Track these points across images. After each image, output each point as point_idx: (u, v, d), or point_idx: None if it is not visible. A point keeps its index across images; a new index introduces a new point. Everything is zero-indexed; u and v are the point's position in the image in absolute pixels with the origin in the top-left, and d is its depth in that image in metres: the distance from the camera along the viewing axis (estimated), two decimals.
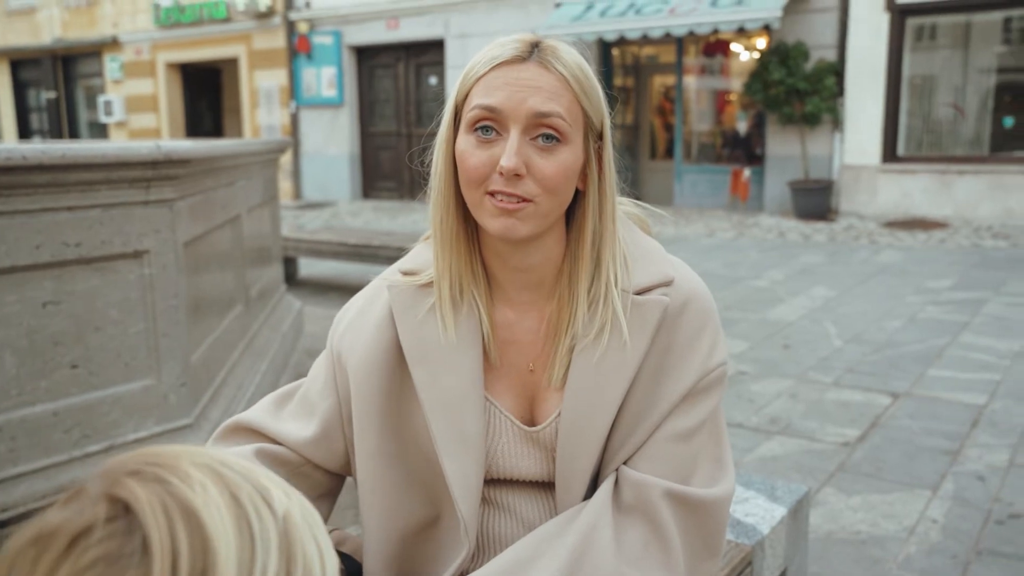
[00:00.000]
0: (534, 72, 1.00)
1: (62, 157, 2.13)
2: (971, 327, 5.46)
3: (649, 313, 1.06)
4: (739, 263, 8.04)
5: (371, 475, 1.13)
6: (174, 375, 2.56)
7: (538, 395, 1.13)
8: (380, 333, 1.13)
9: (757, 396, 4.21)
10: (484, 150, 1.01)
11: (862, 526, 2.85)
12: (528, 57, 1.01)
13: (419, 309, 1.11)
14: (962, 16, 10.49)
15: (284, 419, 1.20)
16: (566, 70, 1.01)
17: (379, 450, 1.13)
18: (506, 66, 1.01)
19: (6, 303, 2.16)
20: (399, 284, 1.13)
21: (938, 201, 10.45)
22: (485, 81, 1.01)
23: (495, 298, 1.14)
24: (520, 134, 1.00)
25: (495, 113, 1.00)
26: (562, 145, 1.01)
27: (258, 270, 4.10)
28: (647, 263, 1.11)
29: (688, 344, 1.08)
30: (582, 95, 1.02)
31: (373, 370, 1.12)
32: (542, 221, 1.04)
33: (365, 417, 1.12)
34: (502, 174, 0.99)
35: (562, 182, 1.02)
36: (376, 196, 15.14)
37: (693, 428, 1.07)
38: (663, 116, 13.48)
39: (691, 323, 1.08)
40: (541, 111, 0.99)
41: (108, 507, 0.47)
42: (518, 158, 0.99)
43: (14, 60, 19.13)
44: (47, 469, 2.26)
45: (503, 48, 1.02)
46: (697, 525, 1.06)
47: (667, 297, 1.07)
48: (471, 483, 1.08)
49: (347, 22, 14.60)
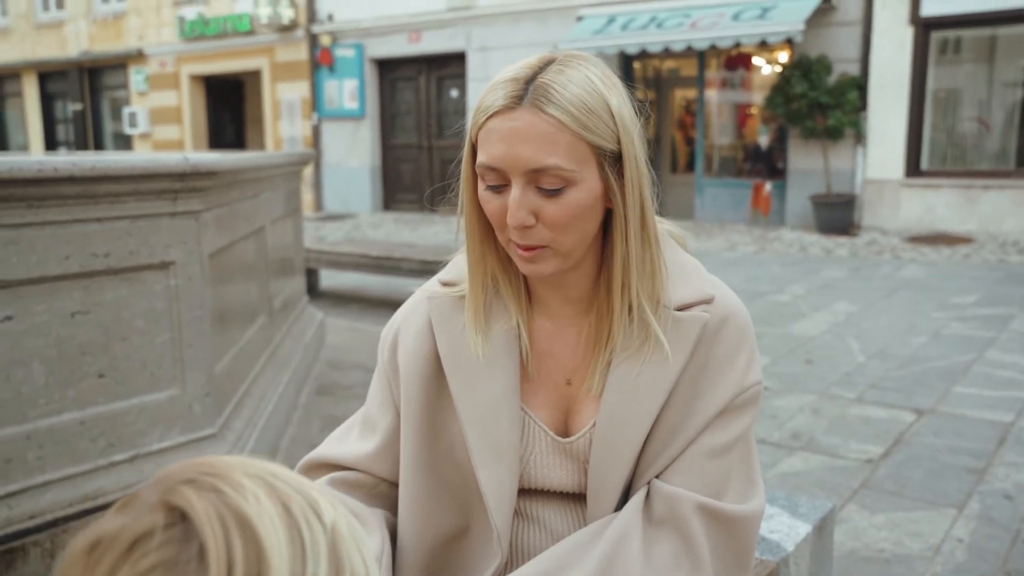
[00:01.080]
0: (526, 120, 0.97)
1: (92, 169, 2.16)
2: (997, 343, 5.40)
3: (688, 329, 1.07)
4: (761, 277, 8.00)
5: (408, 483, 1.15)
6: (199, 385, 2.58)
7: (573, 407, 1.13)
8: (420, 343, 1.15)
9: (780, 411, 4.18)
10: (497, 199, 1.02)
11: (886, 544, 2.81)
12: (520, 103, 0.98)
13: (457, 320, 1.13)
14: (987, 30, 10.42)
15: (351, 444, 1.23)
16: (560, 111, 0.97)
17: (416, 458, 1.14)
18: (499, 116, 0.99)
19: (36, 312, 2.19)
20: (438, 295, 1.16)
21: (962, 216, 10.35)
22: (483, 133, 1.01)
23: (535, 309, 1.15)
24: (523, 186, 1.00)
25: (496, 171, 1.01)
26: (569, 187, 1.00)
27: (281, 281, 4.13)
28: (687, 280, 1.11)
29: (725, 361, 1.08)
30: (583, 131, 0.98)
31: (413, 379, 1.14)
32: (565, 258, 1.05)
33: (405, 425, 1.15)
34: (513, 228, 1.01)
35: (574, 221, 1.02)
36: (397, 208, 15.20)
37: (727, 445, 1.07)
38: (684, 130, 13.46)
39: (729, 340, 1.08)
40: (535, 168, 0.98)
41: (166, 514, 0.48)
42: (522, 212, 0.99)
43: (42, 73, 19.41)
44: (74, 477, 2.28)
45: (495, 94, 1.00)
46: (728, 541, 1.06)
47: (707, 314, 1.08)
48: (505, 493, 1.09)
49: (369, 35, 14.71)
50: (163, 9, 17.06)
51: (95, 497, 2.29)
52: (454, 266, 1.19)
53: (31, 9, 19.09)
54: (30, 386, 2.20)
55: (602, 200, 1.04)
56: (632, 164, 1.02)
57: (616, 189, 1.03)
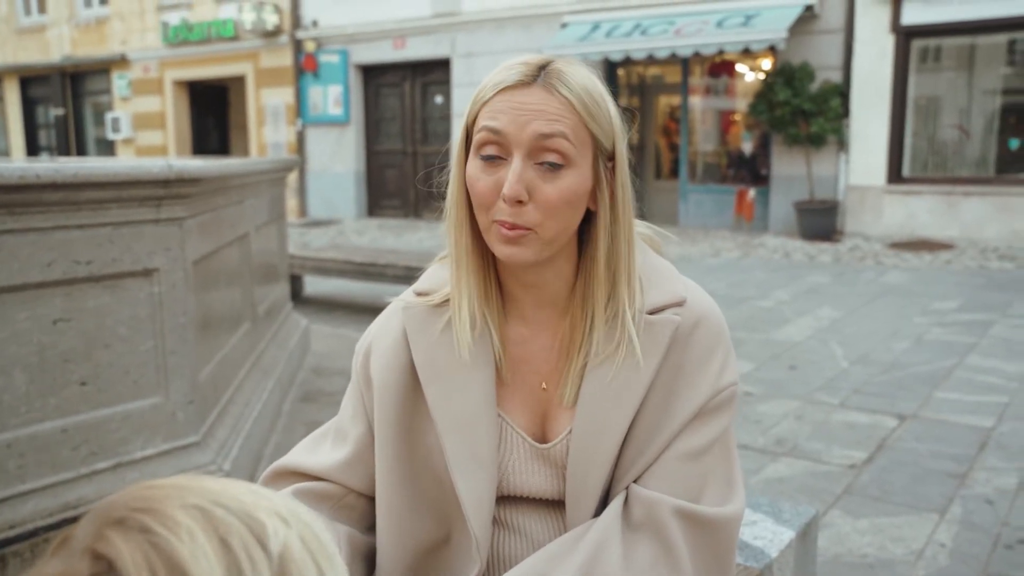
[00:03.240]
0: (539, 96, 1.01)
1: (75, 176, 2.14)
2: (978, 349, 5.45)
3: (660, 332, 1.07)
4: (744, 283, 8.04)
5: (384, 494, 1.14)
6: (182, 393, 2.56)
7: (550, 412, 1.14)
8: (395, 354, 1.15)
9: (763, 417, 4.20)
10: (490, 175, 1.03)
11: (869, 549, 2.83)
12: (533, 81, 1.01)
13: (433, 329, 1.13)
14: (967, 38, 10.53)
15: (321, 453, 1.22)
16: (571, 93, 1.01)
17: (392, 469, 1.14)
18: (511, 90, 1.02)
19: (17, 320, 2.17)
20: (413, 304, 1.16)
21: (944, 222, 10.45)
22: (490, 105, 1.03)
23: (509, 315, 1.15)
24: (523, 159, 1.01)
25: (499, 136, 1.01)
26: (566, 169, 1.02)
27: (265, 288, 4.11)
28: (659, 283, 1.11)
29: (699, 364, 1.08)
30: (588, 118, 1.02)
31: (388, 390, 1.14)
32: (546, 247, 1.05)
33: (381, 436, 1.14)
34: (505, 201, 1.01)
35: (565, 207, 1.02)
36: (381, 214, 15.18)
37: (704, 447, 1.07)
38: (668, 136, 13.52)
39: (702, 343, 1.09)
40: (543, 132, 1.00)
41: (92, 563, 0.45)
42: (520, 184, 1.00)
43: (24, 77, 19.28)
44: (55, 486, 2.26)
45: (509, 72, 1.03)
46: (707, 544, 1.06)
47: (679, 316, 1.08)
48: (483, 501, 1.09)
49: (354, 41, 14.70)
50: (147, 14, 16.99)
51: (76, 506, 2.27)
52: (428, 277, 1.19)
53: (13, 13, 18.96)
54: (11, 394, 2.18)
55: (588, 198, 1.06)
56: (624, 166, 1.06)
57: (607, 187, 1.06)
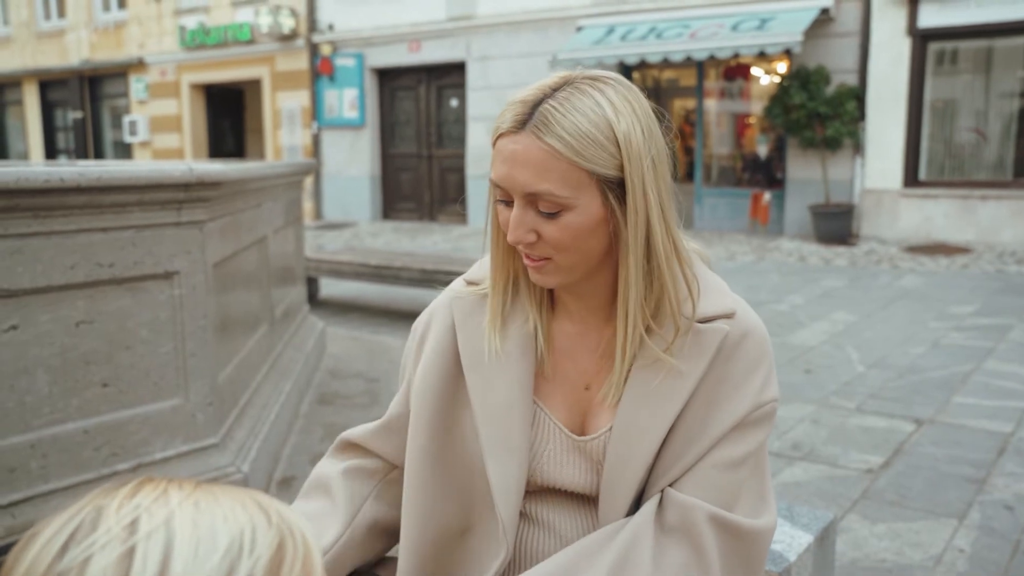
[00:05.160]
0: (526, 144, 1.00)
1: (98, 179, 2.17)
2: (996, 353, 5.41)
3: (708, 341, 1.08)
4: (760, 287, 8.01)
5: (414, 474, 1.17)
6: (202, 394, 2.59)
7: (591, 410, 1.15)
8: (443, 339, 1.19)
9: (780, 421, 4.18)
10: (507, 211, 1.06)
11: (887, 554, 2.82)
12: (522, 127, 1.01)
13: (478, 319, 1.17)
14: (984, 41, 10.46)
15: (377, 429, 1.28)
16: (556, 140, 0.99)
17: (425, 450, 1.16)
18: (505, 137, 1.03)
19: (40, 322, 2.19)
20: (463, 294, 1.20)
21: (960, 226, 10.38)
22: (496, 148, 1.05)
23: (557, 311, 1.18)
24: (523, 206, 1.03)
25: (501, 188, 1.05)
26: (565, 212, 1.02)
27: (282, 290, 4.14)
28: (710, 295, 1.12)
29: (744, 375, 1.09)
30: (580, 159, 0.99)
31: (432, 372, 1.17)
32: (569, 273, 1.08)
33: (417, 415, 1.17)
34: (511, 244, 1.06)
35: (574, 242, 1.04)
36: (396, 217, 15.22)
37: (740, 458, 1.08)
38: (683, 139, 13.49)
39: (748, 355, 1.10)
40: (529, 192, 1.01)
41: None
42: (520, 229, 1.04)
43: (43, 81, 19.44)
44: (77, 486, 2.29)
45: (506, 113, 1.03)
46: (739, 553, 1.06)
47: (727, 327, 1.09)
48: (512, 487, 1.11)
49: (369, 44, 14.75)
50: (164, 18, 17.11)
51: None
52: (480, 266, 1.23)
53: (32, 18, 19.14)
54: (34, 395, 2.21)
55: (606, 223, 1.04)
56: (637, 190, 1.01)
57: (619, 214, 1.03)
